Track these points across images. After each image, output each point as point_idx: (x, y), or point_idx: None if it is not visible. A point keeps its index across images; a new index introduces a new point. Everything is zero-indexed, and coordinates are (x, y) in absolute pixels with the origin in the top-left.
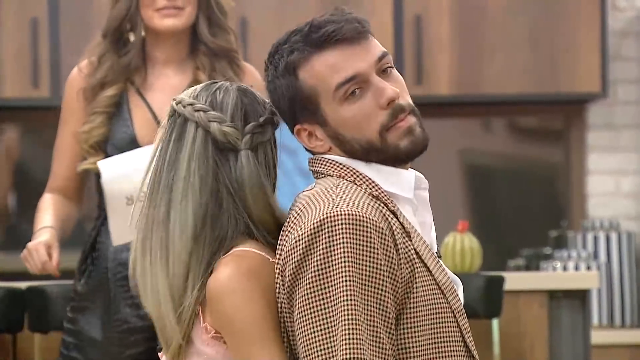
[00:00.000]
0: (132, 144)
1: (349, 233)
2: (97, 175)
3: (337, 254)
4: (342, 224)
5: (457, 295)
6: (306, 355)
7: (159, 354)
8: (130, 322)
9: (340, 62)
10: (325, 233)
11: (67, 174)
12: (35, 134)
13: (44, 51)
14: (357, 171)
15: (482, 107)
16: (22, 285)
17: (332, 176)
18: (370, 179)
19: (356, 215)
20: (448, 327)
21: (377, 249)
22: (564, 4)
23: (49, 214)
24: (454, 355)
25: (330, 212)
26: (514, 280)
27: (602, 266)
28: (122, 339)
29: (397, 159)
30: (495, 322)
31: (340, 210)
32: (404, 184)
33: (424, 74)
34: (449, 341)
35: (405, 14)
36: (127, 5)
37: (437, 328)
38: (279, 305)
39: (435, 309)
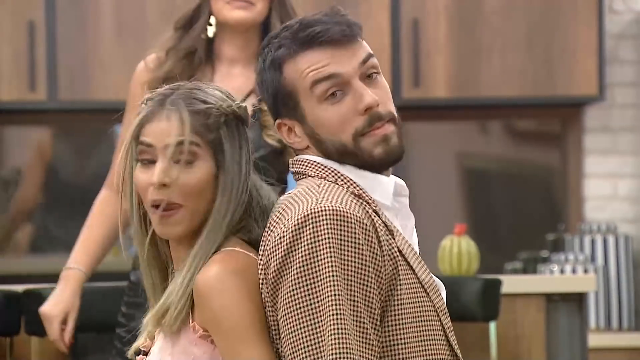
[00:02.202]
0: None
1: (333, 229)
2: None
3: (322, 249)
4: (326, 219)
5: (440, 294)
6: (293, 352)
7: (137, 358)
8: None
9: (321, 62)
10: (309, 229)
11: None
12: (33, 137)
13: (41, 54)
14: (339, 172)
15: (480, 110)
16: (19, 288)
17: (314, 177)
18: (351, 179)
19: (340, 211)
20: (432, 325)
21: (362, 244)
22: (560, 7)
23: (88, 240)
24: (438, 354)
25: (314, 208)
26: (512, 283)
27: (599, 269)
28: None
29: (371, 165)
30: (492, 325)
31: (324, 206)
32: (383, 191)
33: (421, 77)
34: (433, 339)
35: (402, 17)
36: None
37: (421, 326)
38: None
39: (420, 307)
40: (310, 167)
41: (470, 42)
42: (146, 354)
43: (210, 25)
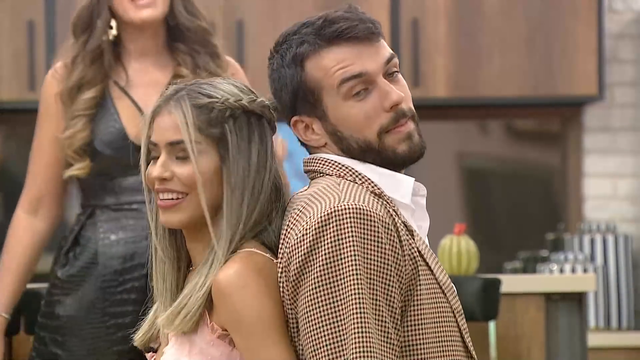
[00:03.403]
0: (123, 139)
1: (357, 227)
2: (80, 180)
3: (345, 248)
4: (349, 217)
5: (457, 295)
6: (314, 349)
7: (147, 355)
8: (119, 318)
9: (349, 59)
10: (332, 226)
11: (45, 180)
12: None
13: (40, 54)
14: (357, 171)
15: (479, 110)
16: None
17: (332, 175)
18: (369, 179)
19: (363, 209)
20: (449, 326)
21: (385, 243)
22: (560, 6)
23: (6, 279)
24: (456, 355)
25: (337, 206)
26: (511, 282)
27: (599, 269)
28: (109, 334)
29: (393, 162)
30: (492, 325)
31: (348, 205)
32: (402, 190)
33: (421, 76)
34: (451, 340)
35: (402, 17)
36: (93, 0)
37: (440, 327)
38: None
39: (438, 308)
40: (327, 165)
41: (470, 41)
42: (155, 351)
43: (111, 27)
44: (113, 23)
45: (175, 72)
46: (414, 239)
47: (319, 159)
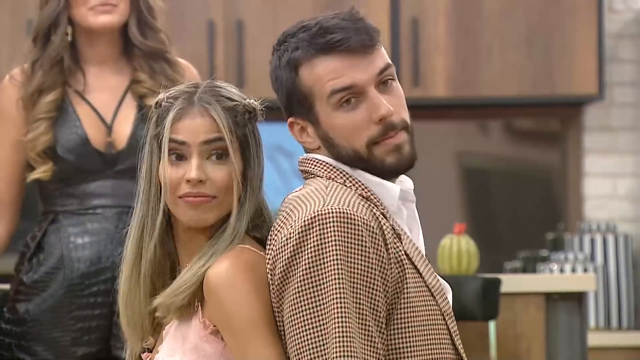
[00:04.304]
0: (85, 145)
1: (340, 231)
2: (41, 186)
3: (329, 251)
4: (333, 221)
5: (447, 298)
6: (297, 353)
7: (142, 355)
8: (85, 322)
9: (340, 69)
10: (316, 231)
11: (5, 185)
12: None
13: None
14: (347, 173)
15: (479, 109)
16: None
17: (322, 177)
18: (359, 181)
19: (347, 213)
20: (438, 329)
21: (368, 247)
22: (560, 6)
23: None
24: (444, 357)
25: (321, 210)
26: (511, 282)
27: (599, 268)
28: (75, 338)
29: (382, 173)
30: (492, 325)
31: (331, 208)
32: (389, 197)
33: (420, 76)
34: (440, 343)
35: (401, 16)
36: (55, 7)
37: (428, 329)
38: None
39: (426, 310)
40: (319, 167)
41: (470, 41)
42: (150, 351)
43: (67, 34)
44: (69, 30)
45: (133, 77)
46: (401, 242)
47: (311, 160)
